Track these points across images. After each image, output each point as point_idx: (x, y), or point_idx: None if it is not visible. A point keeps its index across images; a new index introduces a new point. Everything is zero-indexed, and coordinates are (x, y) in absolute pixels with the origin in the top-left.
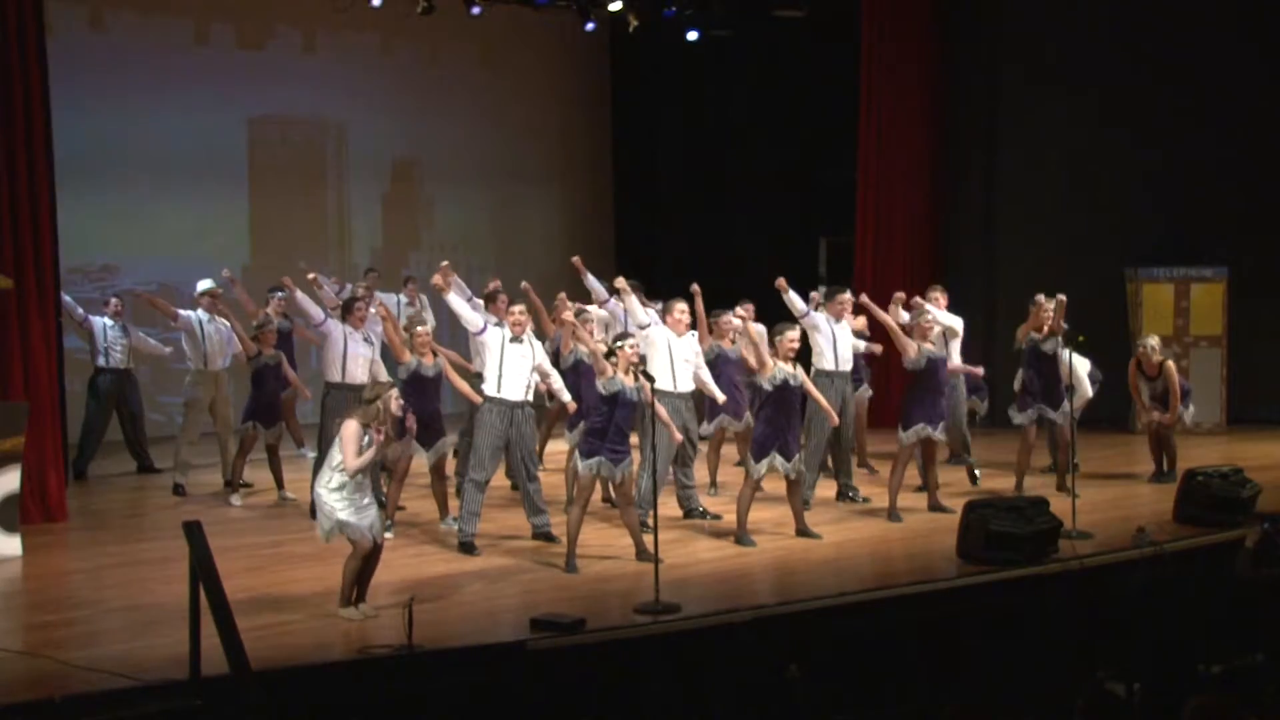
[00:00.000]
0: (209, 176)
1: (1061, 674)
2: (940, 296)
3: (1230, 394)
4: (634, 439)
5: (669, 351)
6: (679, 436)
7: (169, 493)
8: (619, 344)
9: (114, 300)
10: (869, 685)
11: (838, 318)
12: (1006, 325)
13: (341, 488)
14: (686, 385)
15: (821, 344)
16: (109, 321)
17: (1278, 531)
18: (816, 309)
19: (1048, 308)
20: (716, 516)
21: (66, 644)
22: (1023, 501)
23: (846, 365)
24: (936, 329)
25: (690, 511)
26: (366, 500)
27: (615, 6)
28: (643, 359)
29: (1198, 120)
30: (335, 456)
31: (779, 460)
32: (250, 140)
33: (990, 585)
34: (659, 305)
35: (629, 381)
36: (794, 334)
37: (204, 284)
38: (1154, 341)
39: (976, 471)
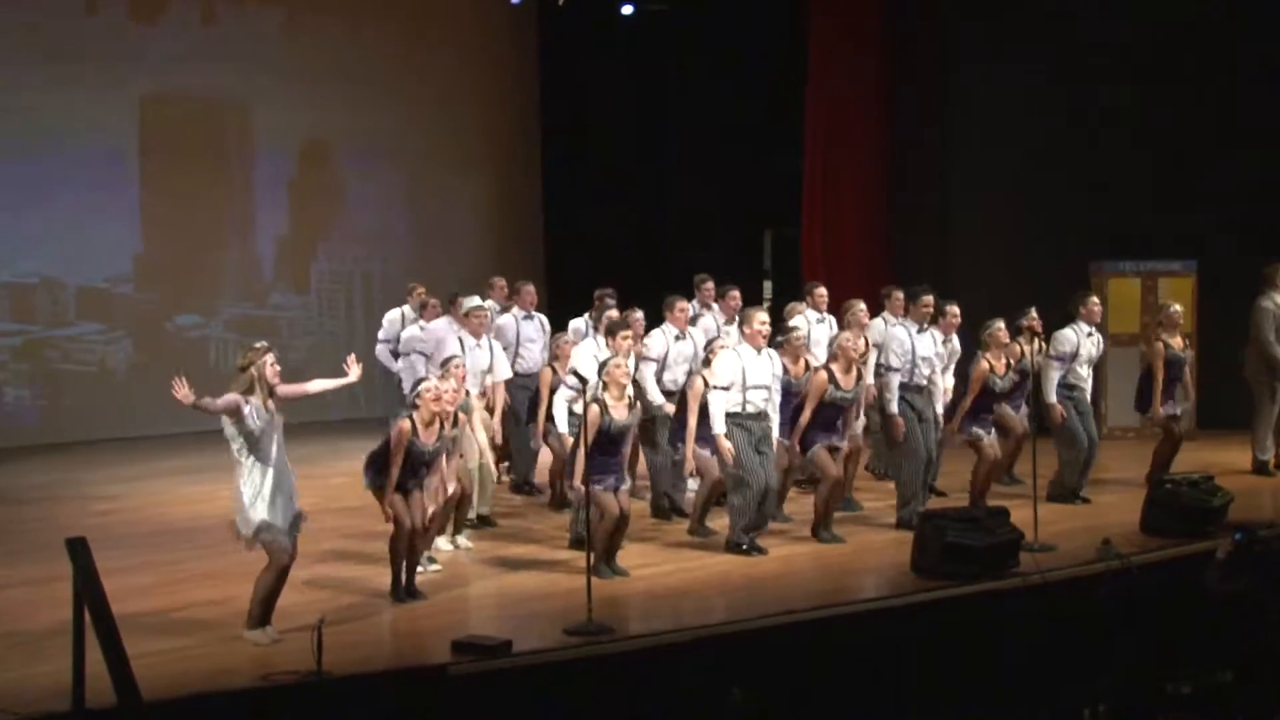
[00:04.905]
0: (97, 160)
1: (1023, 695)
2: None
3: (1201, 396)
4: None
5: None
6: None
7: (53, 505)
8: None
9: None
10: (817, 708)
11: (919, 324)
12: (965, 326)
13: (256, 481)
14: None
15: (896, 357)
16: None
17: (1251, 543)
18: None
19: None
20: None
21: None
22: (981, 512)
23: (922, 379)
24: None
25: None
26: (290, 508)
27: None
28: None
29: (1163, 107)
30: (243, 453)
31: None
32: (143, 120)
33: (946, 601)
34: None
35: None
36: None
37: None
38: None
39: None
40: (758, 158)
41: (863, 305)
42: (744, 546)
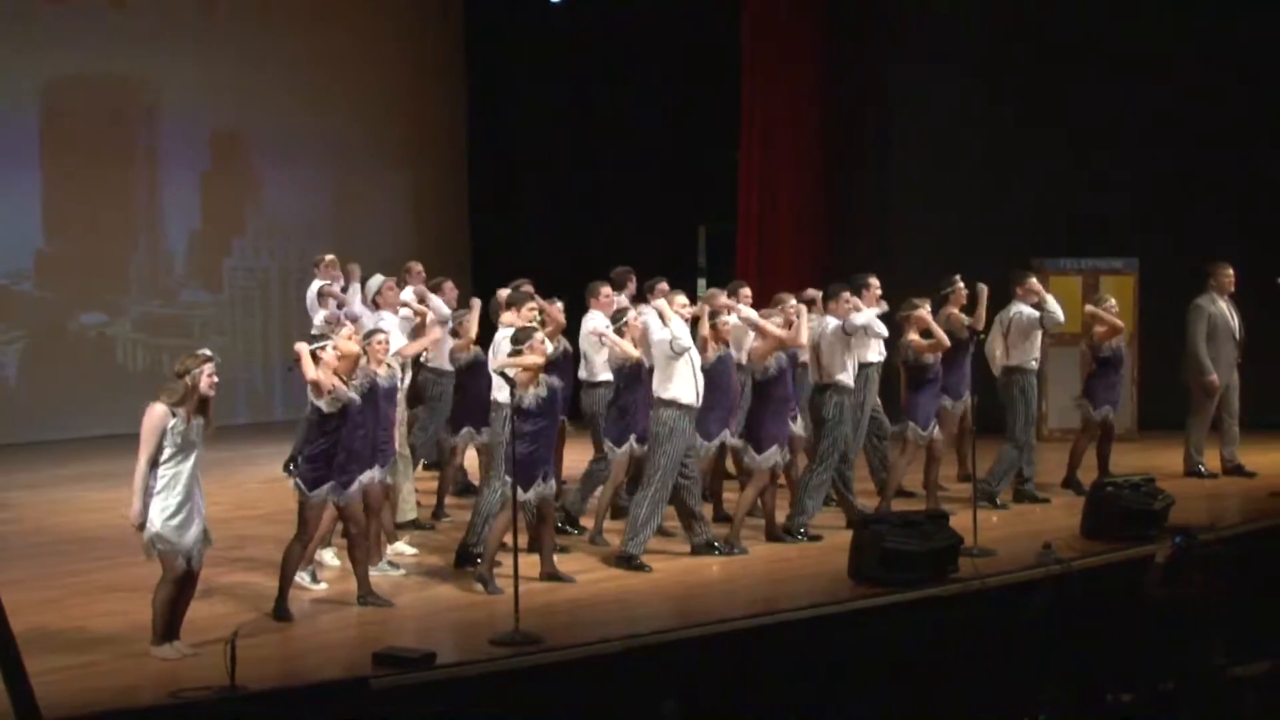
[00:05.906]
0: None
1: (960, 704)
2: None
3: (1142, 397)
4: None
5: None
6: None
7: None
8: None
9: None
10: None
11: (842, 319)
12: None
13: (167, 489)
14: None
15: (827, 356)
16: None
17: (1191, 547)
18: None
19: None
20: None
21: None
22: (920, 516)
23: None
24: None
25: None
26: (195, 517)
27: None
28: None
29: (1106, 104)
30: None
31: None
32: (45, 106)
33: (884, 608)
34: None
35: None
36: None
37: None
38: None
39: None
40: (691, 151)
41: (794, 301)
42: (637, 561)
